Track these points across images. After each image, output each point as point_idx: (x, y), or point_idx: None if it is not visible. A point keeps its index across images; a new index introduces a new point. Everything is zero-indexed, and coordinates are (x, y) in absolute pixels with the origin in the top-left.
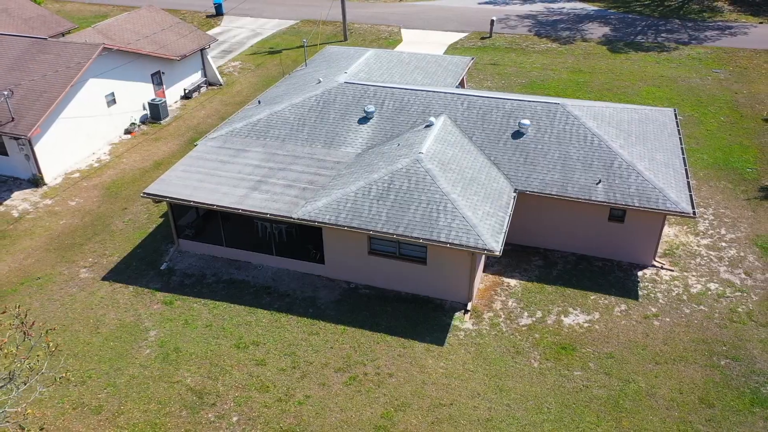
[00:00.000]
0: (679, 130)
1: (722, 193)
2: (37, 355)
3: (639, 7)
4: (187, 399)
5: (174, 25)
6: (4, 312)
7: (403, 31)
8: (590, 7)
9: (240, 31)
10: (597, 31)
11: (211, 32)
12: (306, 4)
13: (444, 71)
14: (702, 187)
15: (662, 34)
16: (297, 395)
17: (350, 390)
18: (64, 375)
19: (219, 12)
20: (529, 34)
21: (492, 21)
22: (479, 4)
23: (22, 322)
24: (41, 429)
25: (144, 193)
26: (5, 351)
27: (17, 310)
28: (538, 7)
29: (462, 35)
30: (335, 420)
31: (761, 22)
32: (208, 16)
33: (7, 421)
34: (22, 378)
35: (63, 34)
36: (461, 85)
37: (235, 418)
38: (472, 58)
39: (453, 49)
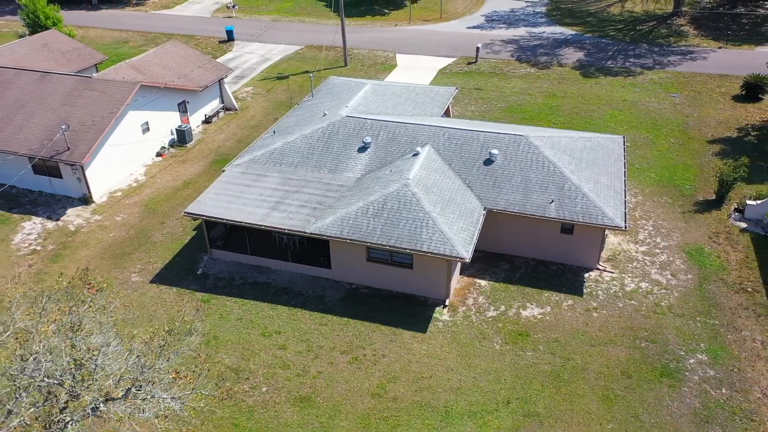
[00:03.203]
0: (624, 155)
1: (662, 207)
2: (196, 321)
3: (612, 31)
4: (227, 375)
5: (196, 58)
6: (183, 300)
7: (398, 56)
8: (569, 32)
9: (250, 57)
10: (572, 56)
11: (223, 58)
12: (309, 30)
13: (431, 102)
14: (647, 202)
15: (630, 59)
16: (311, 371)
17: (352, 367)
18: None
19: (230, 38)
20: (511, 59)
21: (477, 48)
22: (467, 28)
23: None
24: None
25: (185, 212)
26: (185, 318)
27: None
28: (521, 32)
29: (451, 60)
30: (341, 389)
31: (720, 47)
32: (220, 42)
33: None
34: (193, 334)
35: (96, 66)
36: (447, 113)
37: (264, 389)
38: (457, 89)
39: (443, 73)
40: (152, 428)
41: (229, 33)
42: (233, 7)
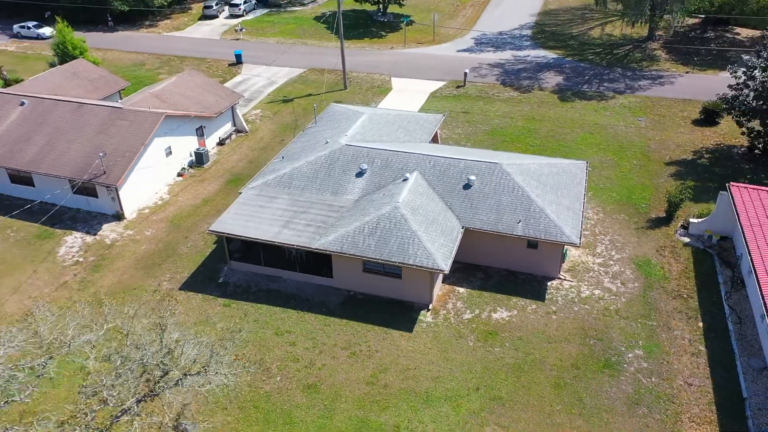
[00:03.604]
0: (585, 179)
1: (619, 223)
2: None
3: (591, 55)
4: (248, 367)
5: (210, 86)
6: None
7: (393, 79)
8: (551, 55)
9: (258, 80)
10: (552, 80)
11: (233, 81)
12: (312, 53)
13: (421, 129)
14: (606, 219)
15: (605, 83)
16: (317, 363)
17: (351, 360)
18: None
19: (239, 61)
20: (496, 83)
21: (465, 73)
22: (458, 51)
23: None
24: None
25: (209, 230)
26: (236, 322)
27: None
28: (507, 56)
29: (441, 84)
30: (341, 378)
31: (688, 72)
32: (230, 65)
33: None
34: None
35: (120, 92)
36: (435, 138)
37: (278, 378)
38: (444, 116)
39: (433, 97)
40: (216, 395)
41: (238, 57)
42: (241, 30)
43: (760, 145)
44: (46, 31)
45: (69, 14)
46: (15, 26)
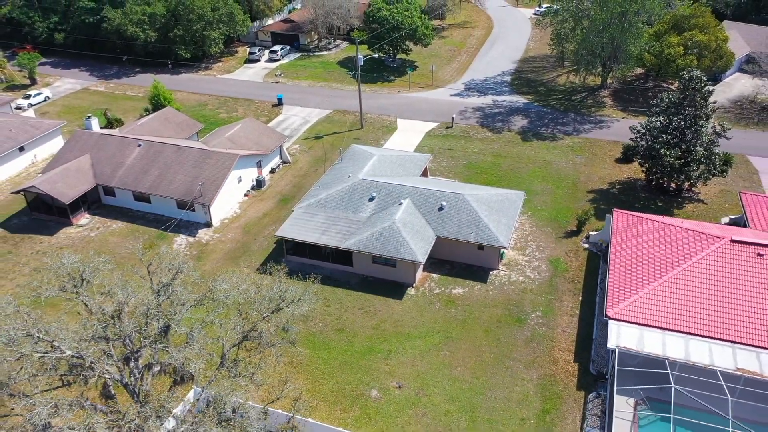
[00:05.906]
0: (521, 204)
1: (545, 234)
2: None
3: (554, 101)
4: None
5: (265, 130)
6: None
7: (398, 120)
8: (522, 100)
9: (295, 119)
10: (519, 122)
11: (276, 120)
12: (336, 95)
13: (414, 166)
14: (537, 231)
15: (558, 126)
16: (343, 317)
17: (364, 315)
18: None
19: (280, 102)
20: (476, 125)
21: (453, 118)
22: (450, 96)
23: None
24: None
25: (276, 234)
26: (307, 289)
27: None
28: (488, 100)
29: (435, 125)
30: (358, 325)
31: (624, 117)
32: (273, 106)
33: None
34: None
35: (197, 133)
36: (425, 172)
37: (320, 325)
38: (431, 156)
39: (428, 136)
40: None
41: (280, 99)
42: (280, 75)
43: (653, 181)
44: None
45: (138, 60)
46: None
